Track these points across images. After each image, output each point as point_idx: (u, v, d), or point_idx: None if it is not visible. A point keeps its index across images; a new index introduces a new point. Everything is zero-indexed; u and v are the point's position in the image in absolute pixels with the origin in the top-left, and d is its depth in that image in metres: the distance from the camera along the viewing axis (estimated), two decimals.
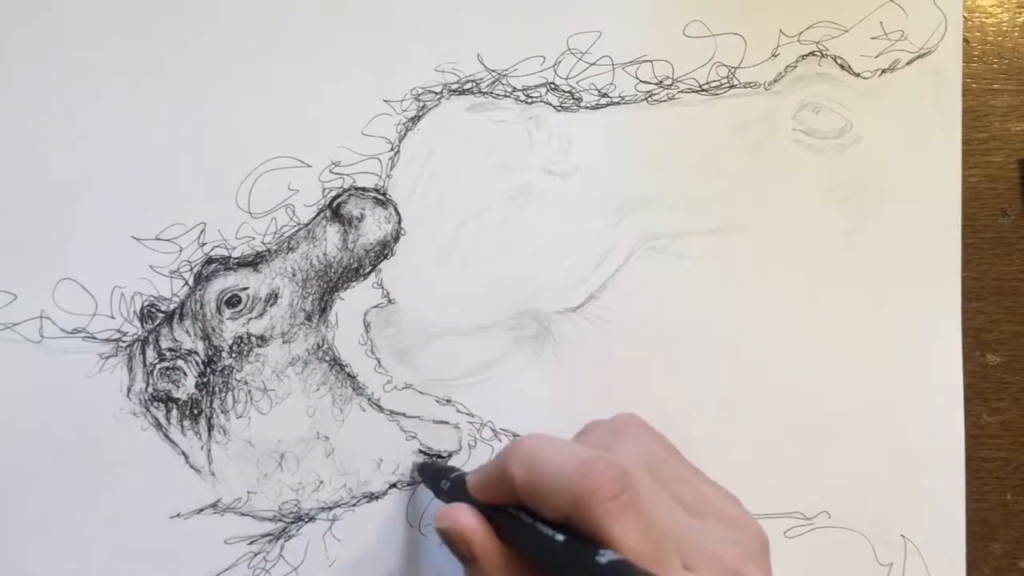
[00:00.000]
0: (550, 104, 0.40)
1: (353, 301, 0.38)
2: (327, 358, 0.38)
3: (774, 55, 0.40)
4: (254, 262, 0.38)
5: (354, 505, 0.38)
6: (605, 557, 0.27)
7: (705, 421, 0.39)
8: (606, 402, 0.38)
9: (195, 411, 0.37)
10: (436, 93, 0.39)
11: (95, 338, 0.37)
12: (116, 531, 0.37)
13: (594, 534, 0.28)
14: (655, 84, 0.40)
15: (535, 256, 0.39)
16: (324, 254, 0.38)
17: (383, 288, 0.38)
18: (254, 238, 0.38)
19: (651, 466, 0.31)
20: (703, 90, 0.40)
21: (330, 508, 0.38)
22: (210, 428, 0.37)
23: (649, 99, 0.40)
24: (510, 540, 0.31)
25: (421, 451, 0.38)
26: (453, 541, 0.31)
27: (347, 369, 0.38)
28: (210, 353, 0.37)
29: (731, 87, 0.40)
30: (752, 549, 0.31)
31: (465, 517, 0.31)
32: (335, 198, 0.38)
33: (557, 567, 0.29)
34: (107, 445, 0.37)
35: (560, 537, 0.28)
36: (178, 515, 0.37)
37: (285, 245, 0.38)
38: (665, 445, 0.34)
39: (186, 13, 0.38)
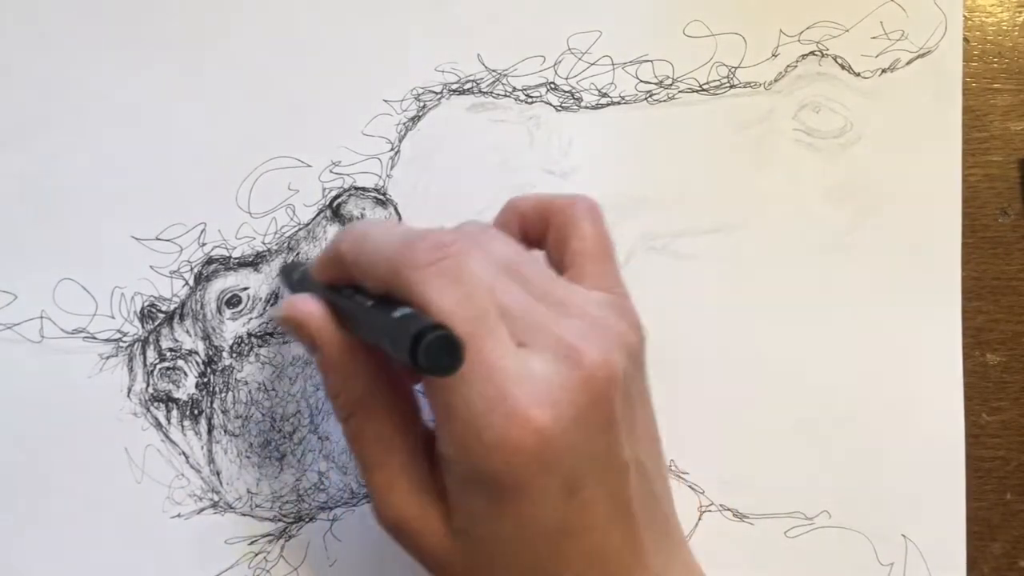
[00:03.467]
0: (550, 104, 0.40)
1: None
2: None
3: (774, 55, 0.40)
4: (254, 262, 0.38)
5: (355, 505, 0.38)
6: (400, 312, 0.26)
7: (705, 421, 0.39)
8: None
9: (195, 411, 0.37)
10: (436, 93, 0.39)
11: (95, 338, 0.37)
12: (116, 531, 0.37)
13: (407, 299, 0.27)
14: (655, 84, 0.40)
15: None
16: None
17: None
18: (254, 238, 0.38)
19: (511, 263, 0.29)
20: (703, 90, 0.40)
21: (331, 508, 0.38)
22: (210, 428, 0.37)
23: (649, 99, 0.40)
24: (346, 321, 0.30)
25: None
26: (294, 329, 0.31)
27: None
28: (210, 353, 0.37)
29: (731, 87, 0.40)
30: (604, 334, 0.28)
31: (305, 304, 0.31)
32: (335, 198, 0.38)
33: (366, 331, 0.28)
34: (107, 445, 0.37)
35: (369, 303, 0.28)
36: (178, 515, 0.37)
37: (285, 245, 0.38)
38: (533, 256, 0.32)
39: (186, 14, 0.38)
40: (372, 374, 0.31)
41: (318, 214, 0.38)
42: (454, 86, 0.39)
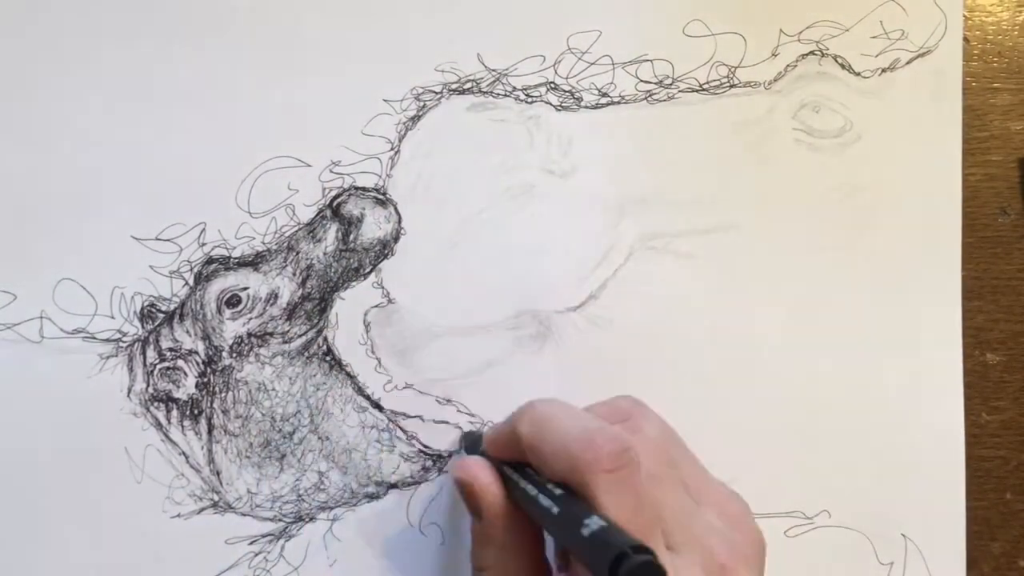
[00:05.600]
0: (550, 103, 0.40)
1: (353, 301, 0.38)
2: (327, 358, 0.38)
3: (774, 54, 0.40)
4: (254, 262, 0.38)
5: (355, 505, 0.38)
6: (589, 528, 0.27)
7: (705, 421, 0.39)
8: None
9: (195, 411, 0.37)
10: (436, 92, 0.39)
11: (95, 338, 0.37)
12: (116, 531, 0.37)
13: (586, 501, 0.28)
14: (655, 83, 0.40)
15: (535, 256, 0.39)
16: (324, 254, 0.38)
17: (383, 288, 0.38)
18: (254, 238, 0.38)
19: (668, 449, 0.32)
20: (703, 89, 0.40)
21: (331, 508, 0.38)
22: (210, 428, 0.37)
23: (649, 98, 0.40)
24: (516, 498, 0.32)
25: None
26: (465, 494, 0.32)
27: (347, 369, 0.38)
28: (210, 353, 0.37)
29: (731, 86, 0.40)
30: (746, 551, 0.30)
31: (481, 473, 0.32)
32: (335, 198, 0.38)
33: (551, 531, 0.30)
34: (107, 445, 0.37)
35: (555, 509, 0.29)
36: (178, 515, 0.37)
37: (285, 245, 0.38)
38: (676, 434, 0.34)
39: (185, 13, 0.38)
40: (529, 553, 0.32)
41: (318, 214, 0.38)
42: (454, 86, 0.39)
